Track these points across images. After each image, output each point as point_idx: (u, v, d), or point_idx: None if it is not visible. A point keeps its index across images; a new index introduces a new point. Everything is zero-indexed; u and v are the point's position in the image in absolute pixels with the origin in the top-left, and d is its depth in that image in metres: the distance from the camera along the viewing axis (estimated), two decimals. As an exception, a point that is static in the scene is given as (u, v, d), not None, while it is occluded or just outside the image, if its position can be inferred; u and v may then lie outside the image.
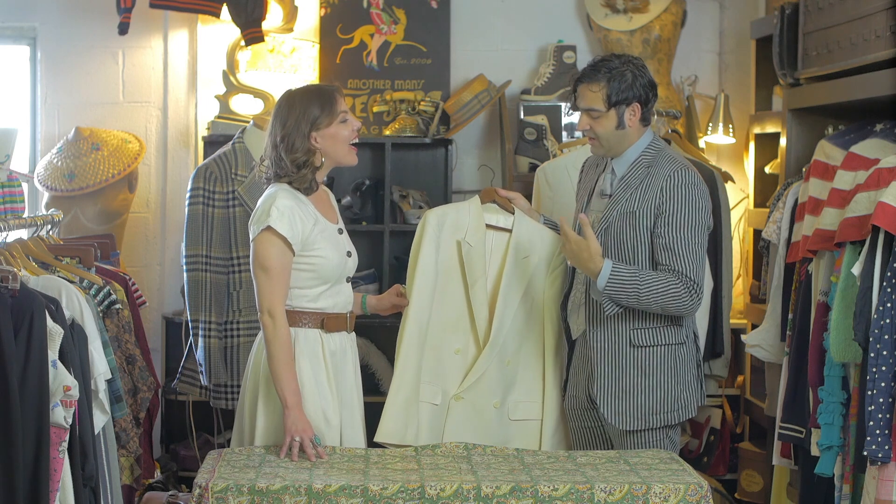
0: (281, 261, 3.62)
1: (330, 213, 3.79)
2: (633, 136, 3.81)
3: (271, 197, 3.65)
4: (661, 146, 3.85)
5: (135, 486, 4.26)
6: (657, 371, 3.78)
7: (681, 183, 3.73)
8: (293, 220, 3.62)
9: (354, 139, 3.73)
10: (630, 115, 3.77)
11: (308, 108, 3.66)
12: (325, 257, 3.68)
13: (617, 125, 3.78)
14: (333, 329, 3.72)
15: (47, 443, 3.31)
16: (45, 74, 5.80)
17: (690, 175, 3.76)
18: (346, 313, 3.77)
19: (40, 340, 3.31)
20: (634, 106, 3.77)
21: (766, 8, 5.55)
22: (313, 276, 3.68)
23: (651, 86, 3.79)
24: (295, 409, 3.54)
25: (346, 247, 3.77)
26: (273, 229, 3.59)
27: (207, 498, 3.17)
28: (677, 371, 3.80)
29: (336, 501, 3.16)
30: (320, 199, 3.78)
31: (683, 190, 3.72)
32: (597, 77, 3.77)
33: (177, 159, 5.84)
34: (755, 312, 4.97)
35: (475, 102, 5.64)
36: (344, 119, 3.69)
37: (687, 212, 3.71)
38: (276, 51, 5.66)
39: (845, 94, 4.10)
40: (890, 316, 3.29)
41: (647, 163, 3.80)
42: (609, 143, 3.81)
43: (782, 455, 4.24)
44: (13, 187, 4.20)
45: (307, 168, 3.68)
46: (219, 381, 4.73)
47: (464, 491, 3.18)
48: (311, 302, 3.69)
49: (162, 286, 5.84)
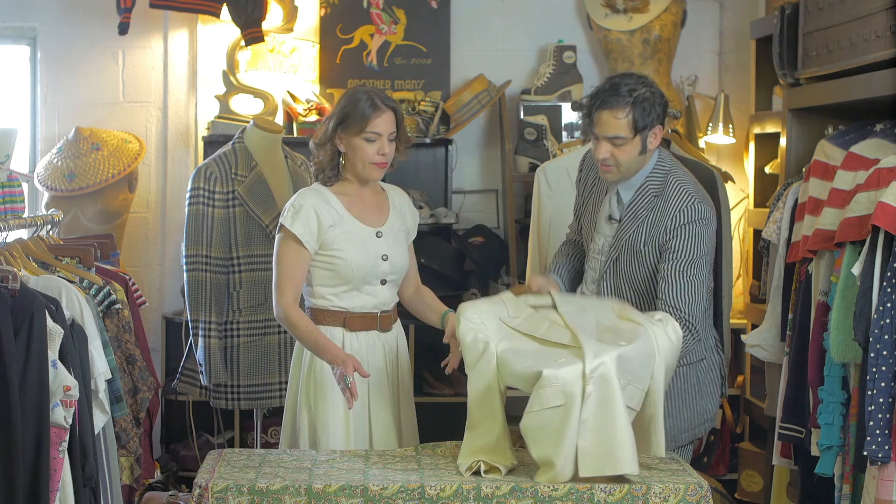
0: (291, 258, 3.69)
1: (372, 216, 3.79)
2: (648, 158, 3.66)
3: (297, 197, 3.75)
4: (667, 166, 3.69)
5: (135, 486, 4.26)
6: (682, 391, 3.73)
7: (687, 220, 3.59)
8: (308, 218, 3.68)
9: (379, 161, 3.72)
10: (652, 139, 3.60)
11: (346, 108, 3.70)
12: (344, 258, 3.70)
13: (640, 151, 3.60)
14: (358, 328, 3.74)
15: (47, 443, 3.31)
16: (45, 74, 5.80)
17: (697, 209, 3.60)
18: (375, 313, 3.77)
19: (40, 340, 3.31)
20: (657, 129, 3.59)
21: (766, 8, 5.55)
22: (332, 276, 3.72)
23: (667, 105, 3.65)
24: (333, 353, 3.58)
25: (382, 250, 3.76)
26: (286, 228, 3.69)
27: (207, 498, 3.17)
28: (700, 387, 3.77)
29: (336, 501, 3.16)
30: (360, 200, 3.79)
31: (689, 228, 3.58)
32: (620, 102, 3.54)
33: (177, 159, 5.84)
34: (755, 312, 4.97)
35: (475, 102, 5.64)
36: (370, 139, 3.68)
37: (691, 251, 3.59)
38: (276, 51, 5.66)
39: (845, 94, 4.10)
40: (890, 316, 3.29)
41: (655, 191, 3.64)
42: (629, 170, 3.63)
43: (782, 455, 4.24)
44: (13, 187, 4.20)
45: (325, 159, 3.74)
46: (219, 381, 4.73)
47: (464, 491, 3.18)
48: (333, 300, 3.74)
49: (162, 286, 5.84)
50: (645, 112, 3.55)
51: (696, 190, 3.69)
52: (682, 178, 3.69)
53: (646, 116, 3.55)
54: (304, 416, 3.76)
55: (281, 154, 4.84)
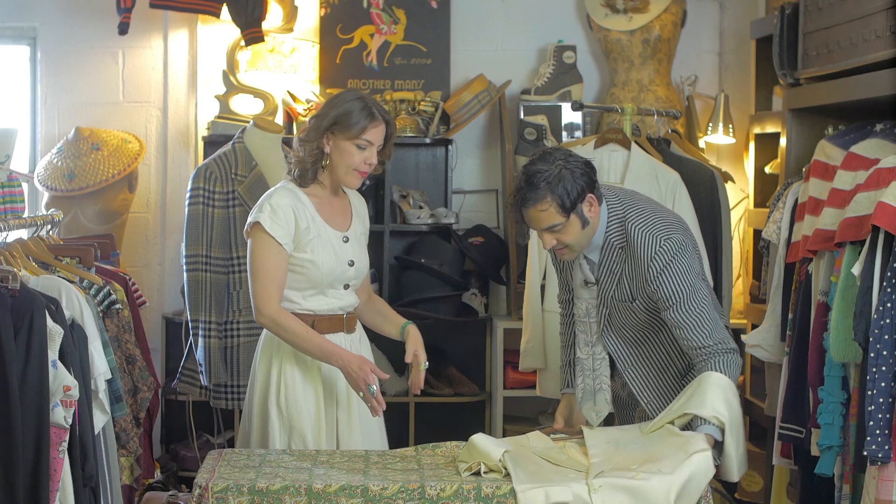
0: (272, 259, 3.63)
1: (338, 220, 3.77)
2: (596, 222, 3.55)
3: (269, 194, 3.69)
4: (620, 213, 3.56)
5: (135, 486, 4.26)
6: None
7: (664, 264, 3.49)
8: (287, 220, 3.63)
9: (363, 169, 3.68)
10: (587, 209, 3.50)
11: (340, 110, 3.65)
12: (314, 262, 3.67)
13: (582, 225, 3.51)
14: (326, 330, 3.72)
15: (47, 443, 3.31)
16: (45, 74, 5.80)
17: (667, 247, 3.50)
18: (342, 314, 3.77)
19: (40, 340, 3.31)
20: (588, 197, 3.49)
21: (766, 8, 5.55)
22: (300, 279, 3.69)
23: (588, 165, 3.52)
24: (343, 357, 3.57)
25: (348, 255, 3.75)
26: (262, 226, 3.61)
27: (207, 498, 3.17)
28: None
29: (336, 501, 3.16)
30: (328, 204, 3.76)
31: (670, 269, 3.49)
32: (539, 195, 3.45)
33: (177, 159, 5.84)
34: (755, 312, 4.97)
35: (475, 102, 5.64)
36: (361, 146, 3.65)
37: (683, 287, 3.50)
38: (276, 51, 5.66)
39: (845, 94, 4.10)
40: (890, 316, 3.29)
41: (619, 243, 3.56)
42: (581, 244, 3.57)
43: (782, 455, 4.24)
44: (13, 187, 4.19)
45: (309, 159, 3.68)
46: (219, 381, 4.73)
47: (464, 491, 3.18)
48: (301, 303, 3.70)
49: (162, 286, 5.84)
50: (567, 191, 3.44)
51: (658, 219, 3.57)
52: (639, 218, 3.56)
53: (570, 195, 3.45)
54: (275, 420, 3.71)
55: (281, 154, 4.84)
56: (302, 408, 3.71)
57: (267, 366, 3.75)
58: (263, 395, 3.74)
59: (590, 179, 3.49)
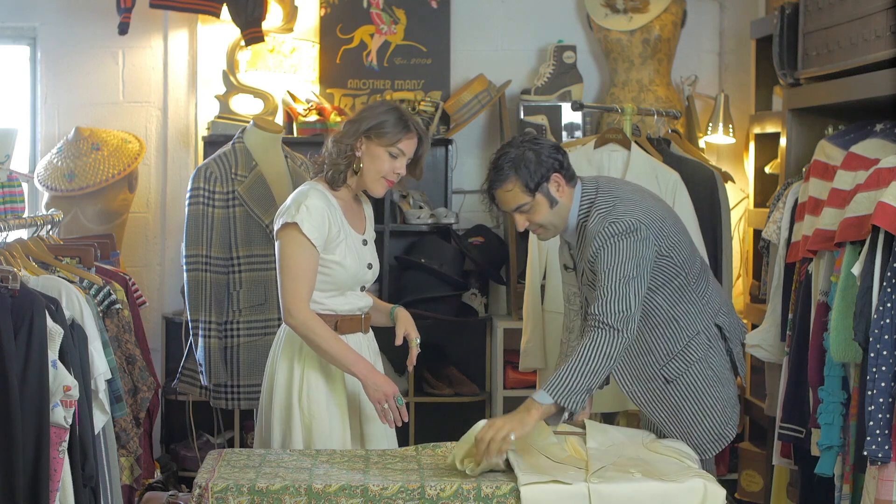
0: (305, 260, 3.62)
1: (358, 223, 3.79)
2: (567, 203, 3.60)
3: (303, 195, 3.67)
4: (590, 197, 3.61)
5: (135, 486, 4.26)
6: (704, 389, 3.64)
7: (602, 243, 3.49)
8: (321, 221, 3.63)
9: (391, 178, 3.71)
10: (555, 189, 3.57)
11: (380, 117, 3.67)
12: (341, 265, 3.68)
13: (550, 205, 3.58)
14: (347, 330, 3.73)
15: (47, 443, 3.31)
16: (45, 74, 5.80)
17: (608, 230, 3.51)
18: (360, 315, 3.78)
19: (40, 340, 3.31)
20: (553, 177, 3.55)
21: (766, 8, 5.55)
22: (325, 280, 3.68)
23: (556, 149, 3.59)
24: (369, 375, 3.59)
25: (367, 258, 3.77)
26: (298, 227, 3.60)
27: (207, 498, 3.17)
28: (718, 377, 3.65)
29: (336, 501, 3.16)
30: (350, 207, 3.77)
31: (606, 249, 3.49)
32: (503, 176, 3.56)
33: (177, 159, 5.84)
34: (755, 312, 4.97)
35: (475, 102, 5.64)
36: (394, 154, 3.67)
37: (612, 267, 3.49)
38: (276, 51, 5.66)
39: (845, 94, 4.10)
40: (890, 316, 3.29)
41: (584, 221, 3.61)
42: (555, 225, 3.63)
43: (782, 455, 4.24)
44: (13, 187, 4.20)
45: (343, 161, 3.68)
46: (219, 381, 4.73)
47: (464, 491, 3.18)
48: (325, 303, 3.70)
49: (162, 286, 5.84)
50: (530, 171, 3.53)
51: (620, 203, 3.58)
52: (605, 201, 3.59)
53: (533, 175, 3.53)
54: (297, 421, 3.71)
55: (281, 154, 4.84)
56: (324, 410, 3.70)
57: (288, 367, 3.73)
58: (286, 396, 3.72)
59: (556, 160, 3.56)
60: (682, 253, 3.63)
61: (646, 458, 3.38)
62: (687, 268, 3.64)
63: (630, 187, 3.73)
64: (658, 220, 3.58)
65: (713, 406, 3.62)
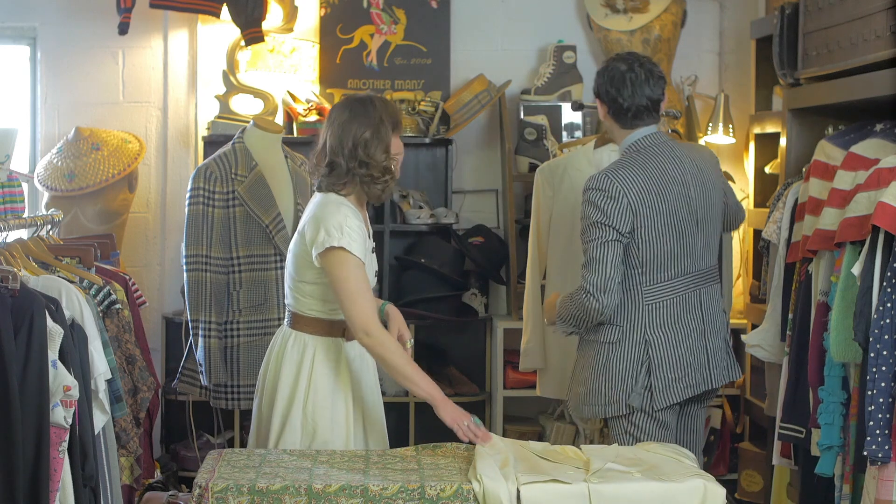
0: (362, 278, 3.57)
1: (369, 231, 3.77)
2: (612, 131, 3.93)
3: (340, 214, 3.58)
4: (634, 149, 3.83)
5: (135, 486, 4.26)
6: (589, 365, 3.85)
7: (583, 192, 3.80)
8: (363, 240, 3.60)
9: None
10: (602, 111, 3.90)
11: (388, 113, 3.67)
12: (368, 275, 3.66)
13: (602, 113, 3.92)
14: (352, 338, 3.69)
15: (47, 443, 3.31)
16: (45, 74, 5.80)
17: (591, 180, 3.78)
18: None
19: (40, 340, 3.31)
20: (601, 104, 3.89)
21: (766, 8, 5.55)
22: None
23: (612, 85, 3.83)
24: (444, 403, 3.56)
25: (375, 265, 3.77)
26: (346, 250, 3.53)
27: (207, 498, 3.17)
28: (606, 369, 3.81)
29: (336, 501, 3.16)
30: (364, 216, 3.76)
31: (582, 197, 3.80)
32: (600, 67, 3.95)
33: (177, 159, 5.84)
34: (755, 312, 4.97)
35: (475, 102, 5.64)
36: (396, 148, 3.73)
37: (581, 221, 3.81)
38: (276, 51, 5.66)
39: (845, 94, 4.10)
40: (890, 316, 3.29)
41: None
42: (611, 131, 3.96)
43: (782, 455, 4.24)
44: (13, 187, 4.20)
45: (390, 174, 3.66)
46: (219, 381, 4.73)
47: (464, 491, 3.18)
48: (337, 313, 3.67)
49: (162, 286, 5.84)
50: (597, 81, 3.90)
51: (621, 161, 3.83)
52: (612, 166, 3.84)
53: (596, 83, 3.90)
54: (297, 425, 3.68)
55: (281, 154, 4.84)
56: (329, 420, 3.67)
57: (295, 373, 3.69)
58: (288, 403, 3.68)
59: (604, 92, 3.84)
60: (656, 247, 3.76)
61: (645, 459, 3.39)
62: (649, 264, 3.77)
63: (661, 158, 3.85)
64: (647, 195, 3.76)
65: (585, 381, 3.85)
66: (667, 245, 3.78)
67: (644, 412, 3.80)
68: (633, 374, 3.80)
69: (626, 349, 3.81)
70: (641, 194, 3.74)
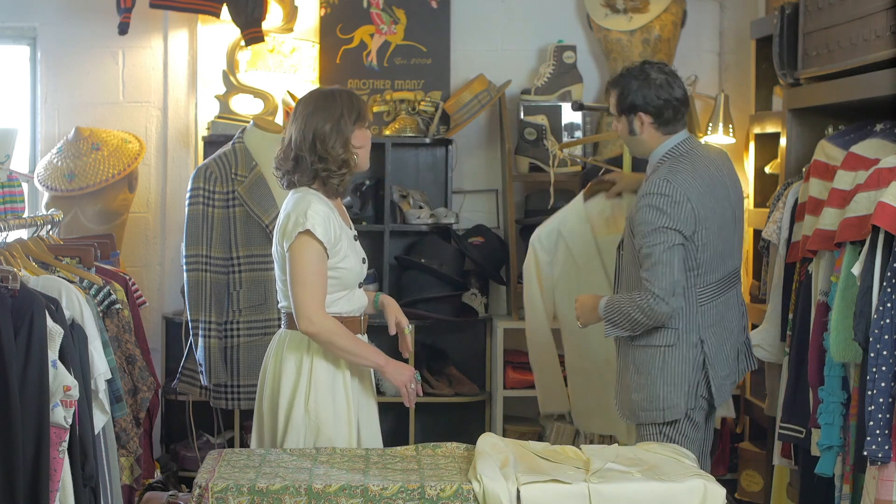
0: (318, 267, 3.58)
1: (346, 220, 3.77)
2: (648, 143, 3.89)
3: (304, 202, 3.60)
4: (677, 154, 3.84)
5: (135, 486, 4.26)
6: (645, 371, 3.84)
7: (641, 198, 3.78)
8: (329, 227, 3.60)
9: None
10: (638, 125, 3.86)
11: (351, 106, 3.66)
12: (348, 266, 3.67)
13: (629, 131, 3.90)
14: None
15: (47, 443, 3.31)
16: (45, 74, 5.80)
17: (654, 185, 3.76)
18: (359, 316, 3.77)
19: (40, 340, 3.31)
20: (640, 116, 3.84)
21: (766, 8, 5.55)
22: (337, 283, 3.66)
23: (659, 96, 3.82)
24: (388, 365, 3.67)
25: (361, 253, 3.77)
26: (311, 233, 3.55)
27: (207, 498, 3.17)
28: (664, 373, 3.82)
29: (336, 501, 3.16)
30: (338, 205, 3.76)
31: (640, 203, 3.77)
32: (613, 84, 3.91)
33: (177, 159, 5.84)
34: (755, 312, 4.96)
35: (475, 102, 5.64)
36: (370, 125, 3.74)
37: (641, 227, 3.77)
38: (276, 51, 5.66)
39: (845, 94, 4.10)
40: (890, 316, 3.29)
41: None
42: (628, 145, 4.04)
43: (782, 455, 4.24)
44: (13, 187, 4.20)
45: (347, 168, 3.66)
46: (219, 381, 4.73)
47: (463, 491, 3.18)
48: (332, 307, 3.66)
49: (162, 286, 5.84)
50: (623, 97, 3.86)
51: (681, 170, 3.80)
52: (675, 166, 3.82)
53: (623, 101, 3.86)
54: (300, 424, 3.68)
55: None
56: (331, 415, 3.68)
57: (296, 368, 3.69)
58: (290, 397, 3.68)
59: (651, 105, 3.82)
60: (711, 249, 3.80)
61: (645, 458, 3.39)
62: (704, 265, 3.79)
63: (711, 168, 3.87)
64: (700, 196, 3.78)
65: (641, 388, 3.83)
66: (718, 246, 3.84)
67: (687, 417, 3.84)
68: (693, 376, 3.83)
69: (683, 352, 3.82)
70: (700, 197, 3.78)
